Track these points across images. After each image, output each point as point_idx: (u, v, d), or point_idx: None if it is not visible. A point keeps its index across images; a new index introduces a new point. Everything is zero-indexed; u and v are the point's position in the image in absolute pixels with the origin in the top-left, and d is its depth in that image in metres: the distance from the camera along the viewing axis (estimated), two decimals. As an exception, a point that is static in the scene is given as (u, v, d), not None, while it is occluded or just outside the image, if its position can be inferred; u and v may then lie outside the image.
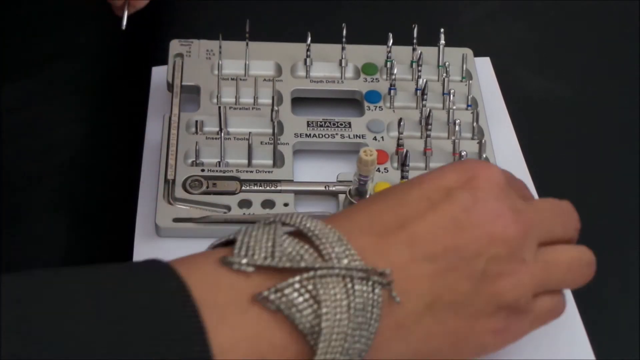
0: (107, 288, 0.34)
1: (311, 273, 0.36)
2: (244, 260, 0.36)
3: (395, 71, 0.63)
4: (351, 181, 0.55)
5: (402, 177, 0.57)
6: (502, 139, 0.62)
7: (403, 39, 0.65)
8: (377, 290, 0.37)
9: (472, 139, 0.61)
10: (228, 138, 0.58)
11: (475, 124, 0.61)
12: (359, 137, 0.60)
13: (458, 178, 0.42)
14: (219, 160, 0.58)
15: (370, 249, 0.39)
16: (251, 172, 0.57)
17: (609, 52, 0.73)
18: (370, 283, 0.37)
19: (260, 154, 0.58)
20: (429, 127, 0.59)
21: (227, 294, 0.35)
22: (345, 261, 0.37)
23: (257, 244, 0.37)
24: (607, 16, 0.77)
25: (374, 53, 0.66)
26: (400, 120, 0.59)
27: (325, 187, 0.57)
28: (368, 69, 0.65)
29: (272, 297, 0.35)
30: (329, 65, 0.65)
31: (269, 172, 0.57)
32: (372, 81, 0.64)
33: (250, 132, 0.58)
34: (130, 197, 0.57)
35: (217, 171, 0.57)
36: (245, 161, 0.58)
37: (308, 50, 0.64)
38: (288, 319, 0.35)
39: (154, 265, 0.36)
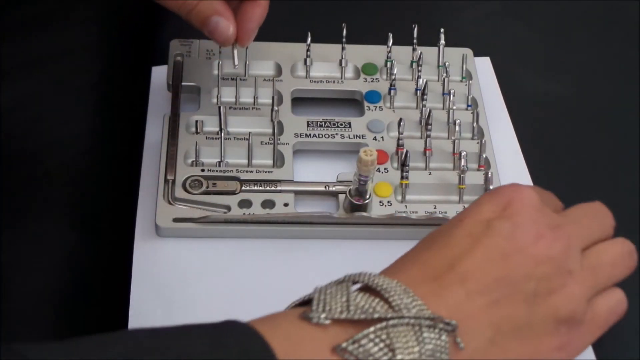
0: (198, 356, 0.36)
1: (384, 323, 0.38)
2: (323, 315, 0.39)
3: (395, 71, 0.63)
4: (351, 181, 0.55)
5: (402, 177, 0.57)
6: (502, 139, 0.62)
7: (403, 39, 0.65)
8: (443, 337, 0.39)
9: (472, 139, 0.61)
10: (228, 138, 0.58)
11: (475, 124, 0.61)
12: (359, 137, 0.60)
13: (494, 208, 0.45)
14: (219, 160, 0.58)
15: (429, 296, 0.41)
16: (251, 172, 0.57)
17: (609, 52, 0.73)
18: (437, 330, 0.39)
19: (260, 154, 0.58)
20: (429, 127, 0.59)
21: (308, 346, 0.38)
22: (414, 311, 0.39)
23: (333, 299, 0.40)
24: (607, 16, 0.76)
25: (374, 53, 0.66)
26: (400, 120, 0.59)
27: (325, 187, 0.57)
28: (368, 69, 0.65)
29: (350, 347, 0.38)
30: (329, 65, 0.65)
31: (269, 172, 0.57)
32: (372, 81, 0.64)
33: (250, 132, 0.58)
34: (130, 197, 0.57)
35: (217, 171, 0.57)
36: (245, 161, 0.58)
37: (308, 50, 0.64)
38: None
39: (237, 328, 0.38)
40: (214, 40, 0.55)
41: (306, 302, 0.41)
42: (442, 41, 0.65)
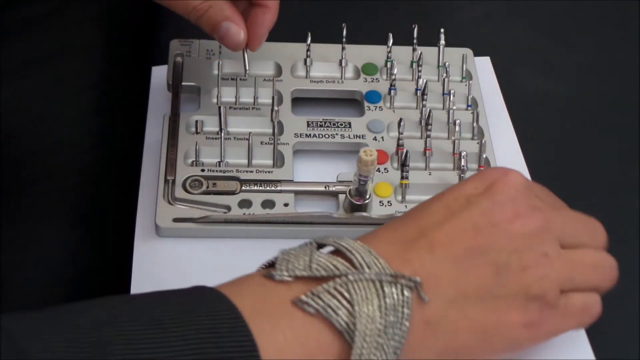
0: (170, 316, 0.37)
1: (344, 279, 0.40)
2: (285, 273, 0.40)
3: (395, 71, 0.63)
4: (351, 181, 0.55)
5: (402, 177, 0.57)
6: (502, 139, 0.62)
7: (403, 39, 0.65)
8: (405, 292, 0.40)
9: (472, 139, 0.61)
10: (228, 138, 0.58)
11: (475, 124, 0.61)
12: (359, 137, 0.60)
13: (477, 186, 0.45)
14: (219, 160, 0.58)
15: (394, 257, 0.42)
16: (251, 172, 0.57)
17: (608, 52, 0.73)
18: (398, 286, 0.40)
19: (260, 154, 0.58)
20: (429, 127, 0.59)
21: (272, 301, 0.39)
22: (375, 268, 0.40)
23: (296, 259, 0.41)
24: (607, 16, 0.77)
25: (374, 53, 0.66)
26: (400, 120, 0.59)
27: (325, 187, 0.57)
28: (368, 69, 0.65)
29: (310, 300, 0.39)
30: (329, 65, 0.65)
31: (269, 172, 0.57)
32: (372, 81, 0.64)
33: (250, 132, 0.58)
34: (130, 197, 0.57)
35: (217, 171, 0.57)
36: (245, 161, 0.58)
37: (308, 50, 0.64)
38: (326, 319, 0.39)
39: (205, 293, 0.40)
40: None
41: (272, 265, 0.42)
42: (442, 41, 0.65)
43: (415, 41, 0.65)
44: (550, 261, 0.44)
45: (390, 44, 0.64)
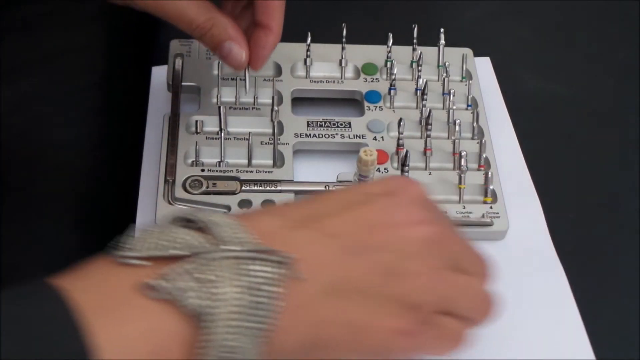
0: None
1: (199, 257, 0.36)
2: (129, 253, 0.36)
3: (395, 71, 0.63)
4: (351, 181, 0.55)
5: (402, 177, 0.57)
6: (502, 139, 0.62)
7: (403, 39, 0.65)
8: (274, 270, 0.37)
9: (472, 139, 0.61)
10: (228, 138, 0.58)
11: (475, 124, 0.61)
12: (359, 137, 0.60)
13: (382, 188, 0.43)
14: (219, 160, 0.58)
15: (274, 233, 0.39)
16: (251, 172, 0.57)
17: (608, 52, 0.73)
18: (267, 264, 0.37)
19: (260, 154, 0.58)
20: (429, 127, 0.59)
21: (117, 290, 0.35)
22: (239, 244, 0.37)
23: (150, 236, 0.37)
24: (607, 16, 0.77)
25: (374, 53, 0.66)
26: (400, 120, 0.59)
27: (325, 187, 0.57)
28: (368, 69, 0.65)
29: (156, 284, 0.35)
30: (329, 65, 0.65)
31: (269, 172, 0.57)
32: (372, 81, 0.64)
33: (250, 132, 0.58)
34: (130, 197, 0.57)
35: (217, 171, 0.57)
36: (245, 161, 0.58)
37: (308, 50, 0.64)
38: (176, 304, 0.35)
39: (36, 292, 0.35)
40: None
41: None
42: (442, 41, 0.65)
43: (415, 41, 0.65)
44: (439, 276, 0.42)
45: (390, 44, 0.64)
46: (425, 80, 0.62)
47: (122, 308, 0.35)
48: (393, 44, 0.64)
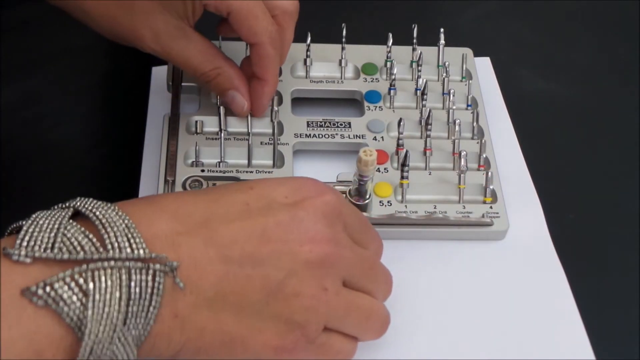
0: None
1: (84, 266, 0.36)
2: (23, 252, 0.36)
3: (395, 71, 0.63)
4: (351, 181, 0.55)
5: (402, 177, 0.57)
6: (502, 139, 0.62)
7: (403, 39, 0.65)
8: (158, 279, 0.38)
9: (472, 138, 0.61)
10: (228, 138, 0.58)
11: (475, 123, 0.61)
12: (359, 137, 0.60)
13: (288, 194, 0.42)
14: (219, 160, 0.58)
15: (164, 238, 0.39)
16: (251, 172, 0.57)
17: (609, 52, 0.73)
18: (150, 272, 0.37)
19: (260, 154, 0.58)
20: (429, 127, 0.59)
21: (4, 289, 0.35)
22: (128, 251, 0.37)
23: (41, 233, 0.37)
24: (607, 16, 0.77)
25: (374, 53, 0.66)
26: (400, 120, 0.59)
27: (325, 187, 0.57)
28: (368, 69, 0.65)
29: (40, 291, 0.35)
30: (329, 65, 0.65)
31: (269, 172, 0.57)
32: (372, 81, 0.64)
33: (250, 132, 0.58)
34: (130, 197, 0.56)
35: (217, 171, 0.57)
36: (245, 161, 0.58)
37: (308, 50, 0.64)
38: (56, 313, 0.35)
39: None
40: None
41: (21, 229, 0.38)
42: (442, 41, 0.65)
43: (415, 41, 0.65)
44: (327, 297, 0.42)
45: (390, 44, 0.64)
46: (425, 80, 0.62)
47: (10, 308, 0.35)
48: (393, 44, 0.64)
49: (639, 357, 0.52)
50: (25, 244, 0.36)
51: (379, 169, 0.58)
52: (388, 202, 0.56)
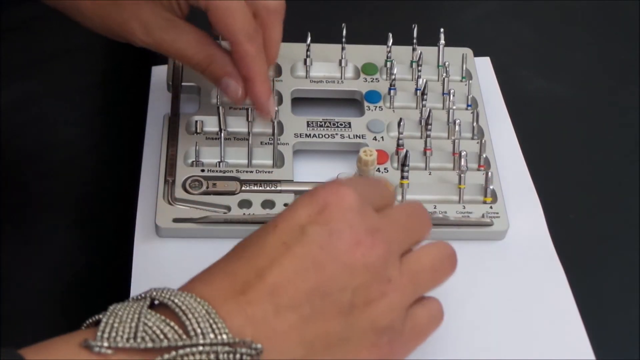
0: None
1: (173, 353, 0.36)
2: (106, 343, 0.35)
3: (395, 71, 0.63)
4: (351, 181, 0.55)
5: (402, 177, 0.57)
6: (502, 139, 0.62)
7: (403, 39, 0.65)
8: None
9: (472, 138, 0.61)
10: (228, 138, 0.58)
11: (475, 123, 0.61)
12: (359, 137, 0.60)
13: (310, 212, 0.41)
14: (219, 160, 0.58)
15: (235, 313, 0.38)
16: (251, 172, 0.57)
17: (609, 52, 0.73)
18: (237, 356, 0.37)
19: (260, 154, 0.58)
20: (429, 127, 0.59)
21: None
22: (211, 336, 0.36)
23: (122, 324, 0.36)
24: (607, 16, 0.77)
25: (374, 53, 0.66)
26: (400, 120, 0.59)
27: (325, 187, 0.57)
28: (368, 69, 0.65)
29: None
30: (329, 65, 0.65)
31: (269, 172, 0.57)
32: (372, 81, 0.64)
33: (250, 132, 0.58)
34: (130, 197, 0.57)
35: (217, 171, 0.57)
36: (245, 161, 0.58)
37: (308, 50, 0.64)
38: None
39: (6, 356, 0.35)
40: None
41: (98, 322, 0.38)
42: (442, 41, 0.65)
43: (415, 41, 0.65)
44: (394, 285, 0.41)
45: (390, 44, 0.64)
46: (425, 80, 0.62)
47: None
48: (393, 44, 0.64)
49: (639, 357, 0.52)
50: (106, 335, 0.36)
51: (379, 169, 0.58)
52: (388, 202, 0.56)
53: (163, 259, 0.53)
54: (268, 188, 0.56)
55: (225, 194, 0.56)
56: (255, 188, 0.56)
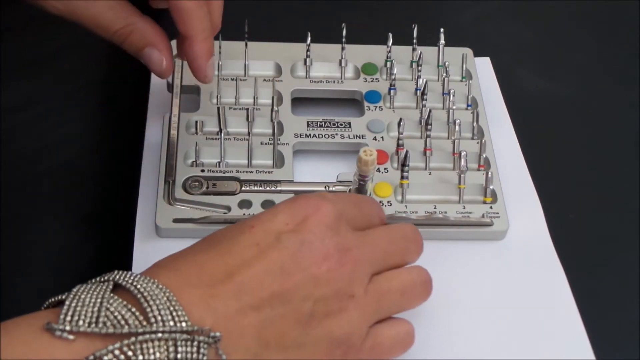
0: None
1: (132, 339, 0.36)
2: (67, 327, 0.36)
3: (395, 71, 0.63)
4: (351, 181, 0.55)
5: (402, 177, 0.57)
6: (502, 139, 0.62)
7: (403, 39, 0.65)
8: (202, 350, 0.37)
9: (472, 138, 0.61)
10: (228, 138, 0.58)
11: (475, 123, 0.61)
12: (359, 137, 0.60)
13: (289, 220, 0.42)
14: (219, 160, 0.58)
15: (198, 303, 0.39)
16: (251, 172, 0.57)
17: (609, 52, 0.73)
18: (195, 344, 0.37)
19: (260, 154, 0.58)
20: (429, 127, 0.59)
21: None
22: (171, 323, 0.37)
23: (84, 308, 0.37)
24: (607, 16, 0.77)
25: (374, 53, 0.66)
26: (400, 120, 0.59)
27: (325, 187, 0.57)
28: (368, 69, 0.65)
29: None
30: (329, 65, 0.65)
31: (269, 172, 0.57)
32: (372, 81, 0.64)
33: (250, 132, 0.58)
34: (130, 197, 0.57)
35: (217, 171, 0.57)
36: (245, 161, 0.58)
37: (308, 50, 0.64)
38: None
39: None
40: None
41: (61, 302, 0.38)
42: (442, 41, 0.65)
43: (415, 41, 0.65)
44: (356, 302, 0.42)
45: (390, 44, 0.64)
46: (425, 80, 0.62)
47: None
48: (393, 44, 0.64)
49: (639, 357, 0.52)
50: (69, 318, 0.36)
51: (379, 169, 0.58)
52: (388, 202, 0.56)
53: (163, 259, 0.53)
54: (268, 188, 0.56)
55: (225, 194, 0.56)
56: (255, 188, 0.56)
